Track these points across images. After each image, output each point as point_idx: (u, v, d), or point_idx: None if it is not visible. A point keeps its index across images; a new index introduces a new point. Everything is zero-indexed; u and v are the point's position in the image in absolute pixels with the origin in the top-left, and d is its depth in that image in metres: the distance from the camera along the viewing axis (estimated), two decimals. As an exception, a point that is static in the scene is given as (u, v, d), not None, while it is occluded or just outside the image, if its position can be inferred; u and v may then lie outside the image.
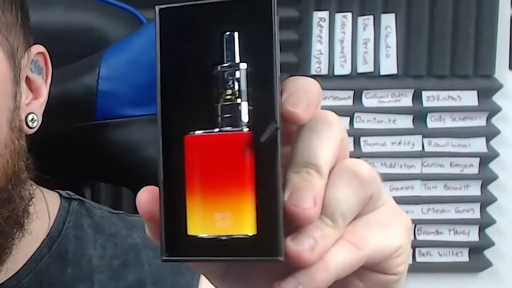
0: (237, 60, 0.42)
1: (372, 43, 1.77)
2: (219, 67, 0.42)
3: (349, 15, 1.76)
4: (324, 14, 1.76)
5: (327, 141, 0.42)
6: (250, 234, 0.40)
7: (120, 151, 0.99)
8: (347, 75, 1.78)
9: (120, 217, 0.85)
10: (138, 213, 0.87)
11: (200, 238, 0.41)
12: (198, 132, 0.41)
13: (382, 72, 1.78)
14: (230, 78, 0.41)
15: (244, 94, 0.41)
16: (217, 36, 0.42)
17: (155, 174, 1.03)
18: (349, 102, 1.78)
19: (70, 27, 1.00)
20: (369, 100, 1.79)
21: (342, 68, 1.77)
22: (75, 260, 0.80)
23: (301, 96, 0.41)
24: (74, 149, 0.98)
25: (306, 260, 0.40)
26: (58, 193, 0.84)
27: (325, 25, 1.76)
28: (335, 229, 0.41)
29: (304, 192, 0.40)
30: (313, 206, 0.40)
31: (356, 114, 1.78)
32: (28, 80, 0.76)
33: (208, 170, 0.40)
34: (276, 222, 0.40)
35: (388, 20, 1.77)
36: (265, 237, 0.40)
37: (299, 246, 0.40)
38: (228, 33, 0.42)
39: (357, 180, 0.42)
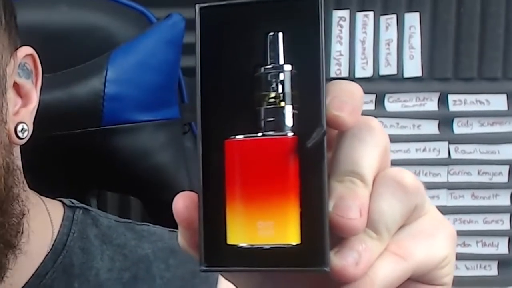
0: (281, 61, 0.42)
1: (395, 43, 1.76)
2: (262, 68, 0.42)
3: (371, 14, 1.76)
4: (344, 13, 1.75)
5: (370, 149, 0.42)
6: (294, 243, 0.40)
7: (128, 158, 0.99)
8: (368, 77, 1.77)
9: (128, 227, 0.85)
10: (146, 222, 0.87)
11: (241, 247, 0.41)
12: (239, 137, 0.41)
13: (406, 75, 1.77)
14: (274, 80, 0.41)
15: (288, 97, 0.41)
16: (260, 36, 0.42)
17: (165, 182, 1.03)
18: (371, 106, 1.77)
19: (76, 27, 1.00)
20: (392, 104, 1.78)
21: (363, 70, 1.77)
22: (82, 274, 0.79)
23: (346, 99, 0.41)
24: (80, 156, 0.98)
25: (351, 275, 0.40)
26: (61, 201, 0.84)
27: (346, 24, 1.76)
28: (380, 242, 0.41)
29: (350, 202, 0.40)
30: (359, 216, 0.40)
31: (378, 119, 1.77)
32: (16, 85, 0.74)
33: (249, 176, 0.40)
34: (322, 232, 0.40)
35: (412, 20, 1.76)
36: (310, 247, 0.40)
37: (343, 260, 0.40)
38: (272, 33, 0.42)
39: (402, 190, 0.42)
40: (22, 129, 0.73)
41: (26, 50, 0.76)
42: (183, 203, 0.42)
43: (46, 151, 0.91)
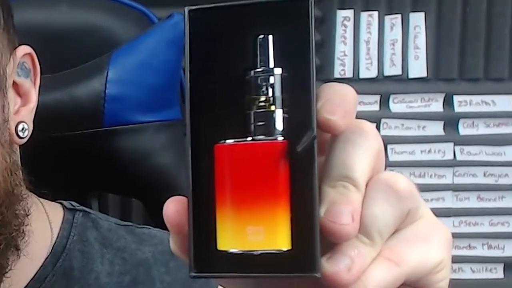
0: (271, 64, 0.42)
1: (400, 44, 1.76)
2: (252, 72, 0.42)
3: (375, 14, 1.75)
4: (349, 13, 1.75)
5: (363, 153, 0.42)
6: (284, 249, 0.40)
7: (129, 160, 0.99)
8: (373, 78, 1.77)
9: (128, 230, 0.85)
10: (148, 225, 0.87)
11: (231, 253, 0.41)
12: (229, 141, 0.41)
13: (411, 75, 1.77)
14: (264, 83, 0.41)
15: (278, 101, 0.41)
16: (250, 39, 0.42)
17: (167, 184, 1.03)
18: (375, 107, 1.77)
19: (77, 27, 1.00)
20: (397, 105, 1.77)
21: (368, 70, 1.76)
22: (82, 278, 0.79)
23: (338, 103, 0.41)
24: (80, 157, 0.98)
25: (343, 281, 0.40)
26: (61, 204, 0.83)
27: (350, 24, 1.75)
28: (372, 247, 0.41)
29: (342, 207, 0.40)
30: (351, 222, 0.40)
31: (382, 120, 1.77)
32: (15, 85, 0.75)
33: (239, 181, 0.41)
34: (313, 237, 0.40)
35: (417, 19, 1.76)
36: (300, 253, 0.40)
37: (335, 266, 0.40)
38: (262, 36, 0.42)
39: (395, 195, 0.42)
40: (22, 129, 0.74)
41: (24, 49, 0.76)
42: (174, 208, 0.42)
43: (46, 152, 0.92)
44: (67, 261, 0.79)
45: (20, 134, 0.73)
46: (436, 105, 1.78)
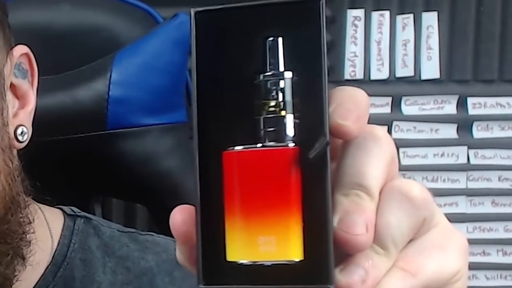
0: (281, 68, 0.41)
1: (412, 44, 1.76)
2: (261, 76, 0.41)
3: (387, 13, 1.75)
4: (359, 13, 1.75)
5: (376, 159, 0.42)
6: (297, 260, 0.40)
7: (133, 164, 0.99)
8: (384, 79, 1.76)
9: (131, 237, 0.84)
10: (152, 231, 0.87)
11: (241, 264, 0.40)
12: (238, 148, 0.41)
13: (423, 77, 1.76)
14: (274, 88, 0.41)
15: (289, 106, 0.41)
16: (259, 41, 0.42)
17: (172, 188, 1.02)
18: (387, 109, 1.76)
19: (79, 27, 0.99)
20: (409, 107, 1.77)
21: (379, 72, 1.76)
22: None
23: (350, 107, 0.41)
24: (83, 161, 0.98)
25: None
26: (61, 209, 0.83)
27: (360, 24, 1.75)
28: (387, 258, 0.41)
29: (356, 217, 0.40)
30: (366, 232, 0.40)
31: (394, 123, 1.77)
32: (13, 86, 0.74)
33: (249, 189, 0.40)
34: (326, 247, 0.39)
35: (430, 19, 1.75)
36: (313, 263, 0.40)
37: (349, 278, 0.40)
38: (271, 38, 0.41)
39: (409, 203, 0.42)
40: (21, 132, 0.73)
41: (21, 49, 0.75)
42: (181, 217, 0.41)
43: (48, 156, 0.91)
44: (68, 270, 0.78)
45: (20, 138, 0.72)
46: (450, 108, 1.77)
